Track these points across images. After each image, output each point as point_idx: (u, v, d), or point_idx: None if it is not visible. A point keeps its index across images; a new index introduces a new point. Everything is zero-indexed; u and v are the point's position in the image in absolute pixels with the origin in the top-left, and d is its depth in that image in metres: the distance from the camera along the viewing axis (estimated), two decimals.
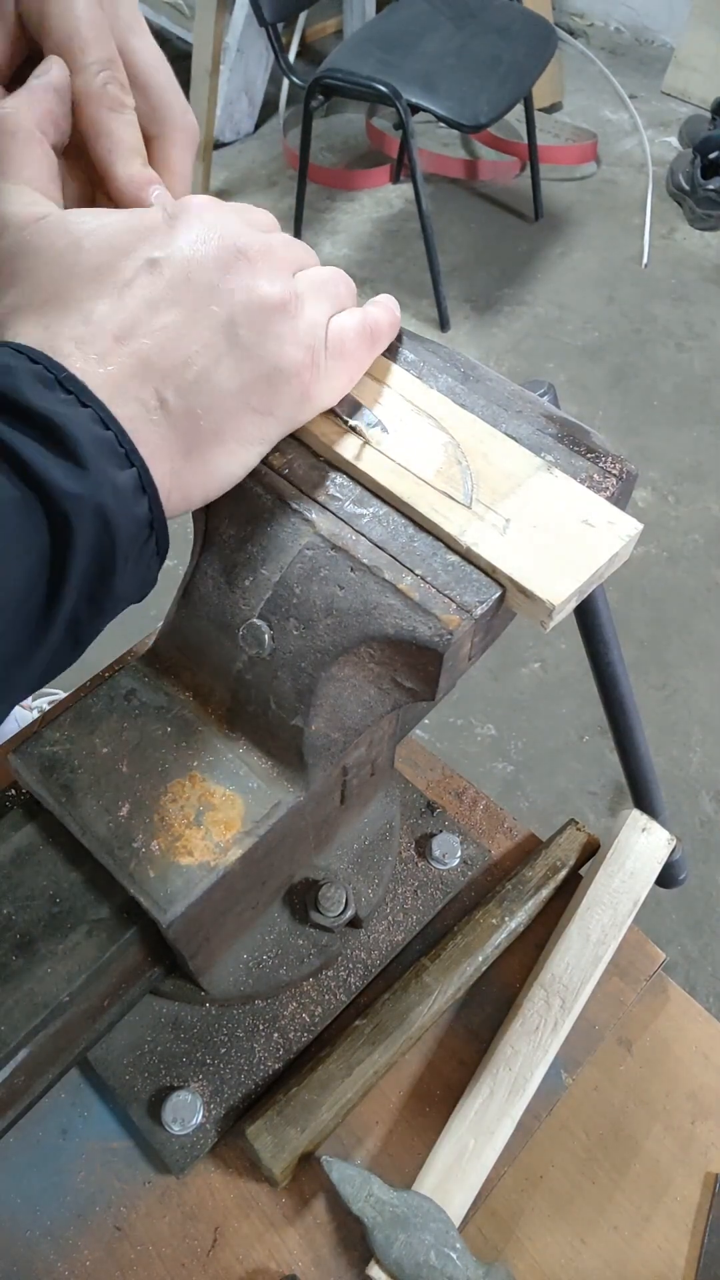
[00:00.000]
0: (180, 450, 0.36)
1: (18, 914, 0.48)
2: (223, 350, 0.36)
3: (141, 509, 0.34)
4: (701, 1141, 0.61)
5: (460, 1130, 0.57)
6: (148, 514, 0.34)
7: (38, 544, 0.31)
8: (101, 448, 0.32)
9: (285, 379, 0.39)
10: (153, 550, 0.36)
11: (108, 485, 0.32)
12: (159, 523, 0.35)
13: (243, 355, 0.37)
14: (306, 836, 0.56)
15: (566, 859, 0.68)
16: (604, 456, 0.45)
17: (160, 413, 0.35)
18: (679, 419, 2.36)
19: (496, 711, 1.84)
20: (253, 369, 0.37)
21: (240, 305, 0.37)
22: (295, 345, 0.38)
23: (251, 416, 0.38)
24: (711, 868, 1.66)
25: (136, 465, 0.34)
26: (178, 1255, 0.56)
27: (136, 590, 0.36)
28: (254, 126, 3.10)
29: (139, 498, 0.34)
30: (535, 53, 2.32)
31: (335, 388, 0.42)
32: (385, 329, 0.45)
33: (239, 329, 0.37)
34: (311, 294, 0.40)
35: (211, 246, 0.37)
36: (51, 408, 0.32)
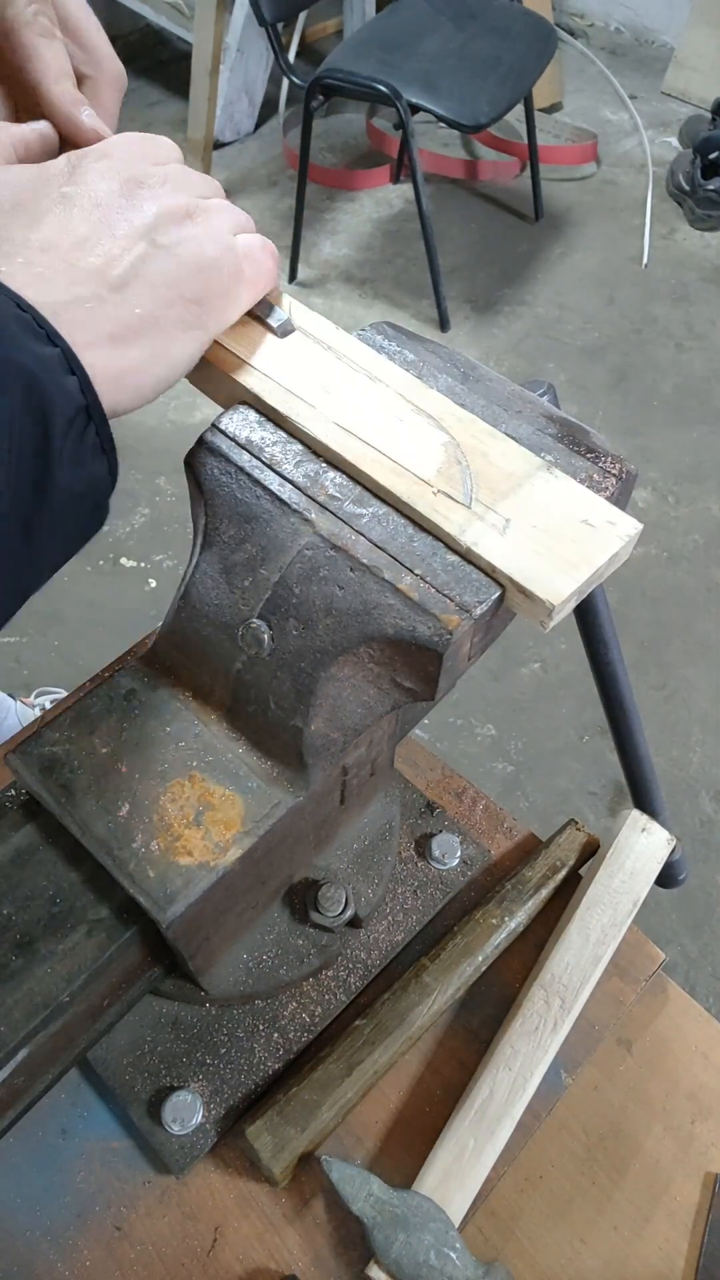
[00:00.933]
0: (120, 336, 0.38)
1: (18, 914, 0.48)
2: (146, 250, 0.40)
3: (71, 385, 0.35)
4: (701, 1141, 0.61)
5: (460, 1130, 0.57)
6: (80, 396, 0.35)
7: None
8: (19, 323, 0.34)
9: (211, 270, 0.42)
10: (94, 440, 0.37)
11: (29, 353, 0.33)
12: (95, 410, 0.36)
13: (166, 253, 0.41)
14: (306, 836, 0.56)
15: (566, 859, 0.68)
16: (604, 456, 0.45)
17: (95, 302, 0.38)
18: (679, 419, 2.36)
19: (496, 711, 1.84)
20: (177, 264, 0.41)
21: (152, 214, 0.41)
22: (212, 243, 0.42)
23: (186, 305, 0.41)
24: (711, 868, 1.66)
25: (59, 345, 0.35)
26: (178, 1255, 0.56)
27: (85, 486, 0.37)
28: (254, 126, 3.10)
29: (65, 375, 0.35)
30: (535, 53, 2.32)
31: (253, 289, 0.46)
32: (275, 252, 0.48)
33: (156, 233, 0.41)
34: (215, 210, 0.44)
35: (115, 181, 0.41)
36: None
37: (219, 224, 0.43)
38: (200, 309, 0.42)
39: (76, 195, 0.40)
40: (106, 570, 1.98)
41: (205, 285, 0.42)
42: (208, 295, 0.42)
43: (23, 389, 0.33)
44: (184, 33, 2.88)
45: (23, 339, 0.34)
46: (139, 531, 2.05)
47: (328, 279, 2.61)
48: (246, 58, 2.87)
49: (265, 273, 0.46)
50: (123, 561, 2.01)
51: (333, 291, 2.59)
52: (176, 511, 2.09)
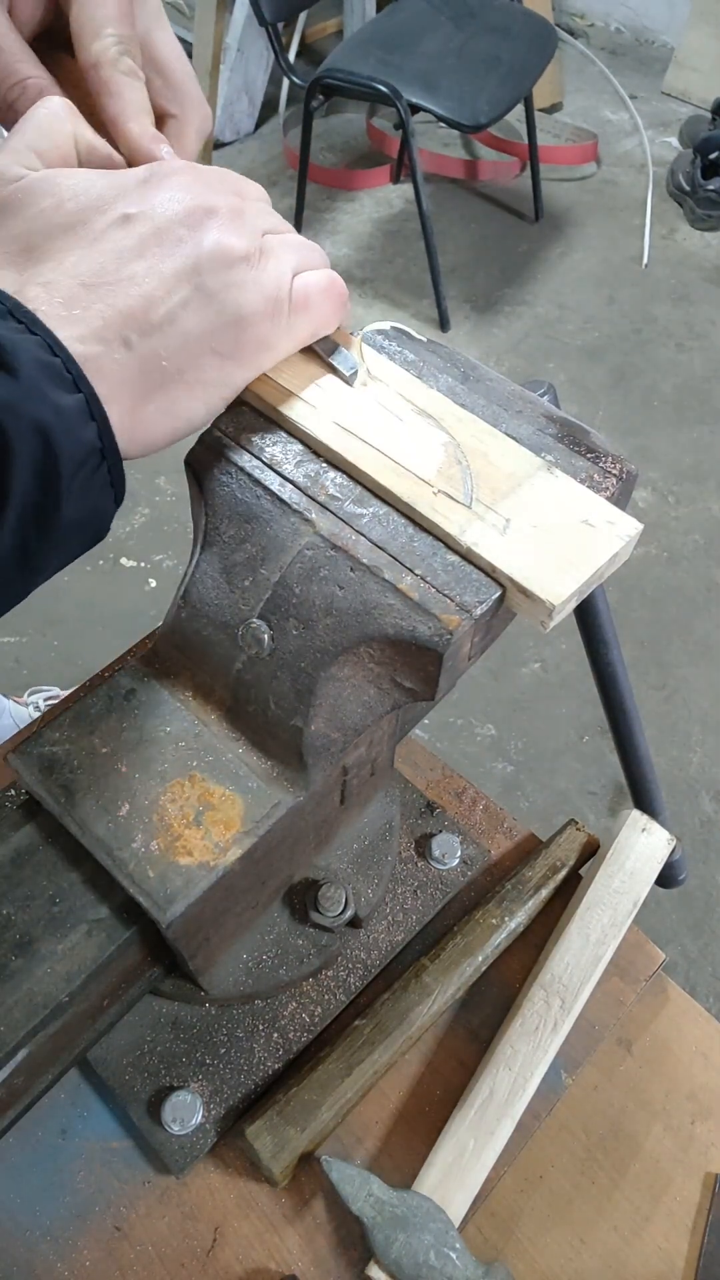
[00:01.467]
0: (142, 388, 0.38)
1: (18, 914, 0.48)
2: (187, 296, 0.38)
3: (88, 434, 0.35)
4: (701, 1141, 0.61)
5: (460, 1130, 0.57)
6: (96, 440, 0.35)
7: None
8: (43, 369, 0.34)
9: (247, 325, 0.41)
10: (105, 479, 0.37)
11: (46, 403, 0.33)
12: (111, 451, 0.36)
13: (206, 301, 0.39)
14: (306, 836, 0.56)
15: (566, 859, 0.68)
16: (604, 456, 0.45)
17: (123, 351, 0.37)
18: (679, 419, 2.36)
19: (496, 711, 1.84)
20: (216, 314, 0.39)
21: (205, 254, 0.39)
22: (257, 294, 0.41)
23: (214, 359, 0.40)
24: (711, 868, 1.66)
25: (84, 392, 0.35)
26: (178, 1255, 0.56)
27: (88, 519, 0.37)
28: (254, 126, 3.10)
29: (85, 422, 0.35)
30: (535, 53, 2.32)
31: (297, 338, 0.44)
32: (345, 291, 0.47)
33: (203, 276, 0.39)
34: (278, 250, 0.42)
35: (183, 204, 0.40)
36: None
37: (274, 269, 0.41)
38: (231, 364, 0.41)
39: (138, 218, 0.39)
40: (106, 570, 1.98)
41: (239, 339, 0.41)
42: (240, 350, 0.41)
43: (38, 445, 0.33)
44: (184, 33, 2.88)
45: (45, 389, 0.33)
46: (139, 531, 2.05)
47: None
48: (246, 57, 2.87)
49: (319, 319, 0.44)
50: (123, 561, 2.01)
51: None
52: (176, 511, 2.09)
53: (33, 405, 0.33)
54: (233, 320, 0.40)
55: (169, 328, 0.38)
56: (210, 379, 0.40)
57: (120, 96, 0.43)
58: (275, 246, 0.42)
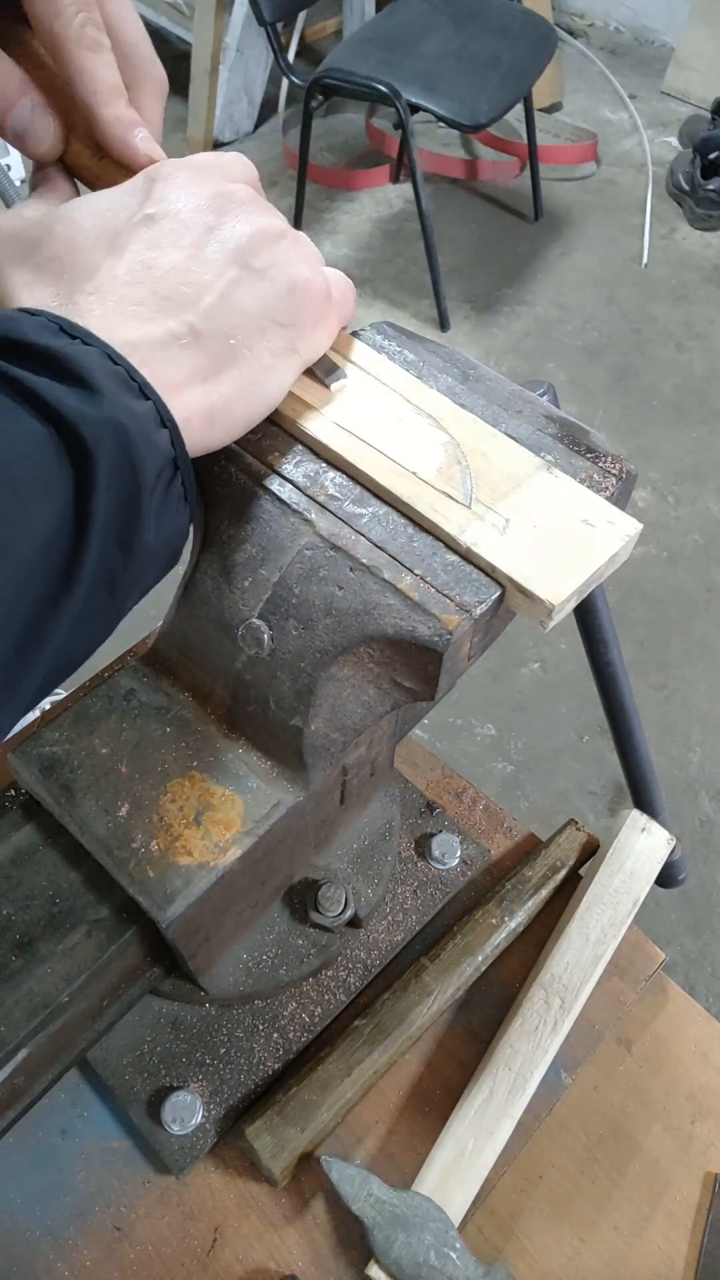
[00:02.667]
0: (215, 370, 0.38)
1: (17, 914, 0.48)
2: (238, 275, 0.39)
3: (162, 440, 0.34)
4: (701, 1141, 0.61)
5: (460, 1130, 0.57)
6: (169, 448, 0.35)
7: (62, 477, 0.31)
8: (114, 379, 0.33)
9: (303, 291, 0.41)
10: (179, 492, 0.36)
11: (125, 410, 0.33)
12: (183, 460, 0.36)
13: (259, 277, 0.39)
14: (306, 836, 0.56)
15: (566, 859, 0.68)
16: (604, 456, 0.45)
17: (190, 337, 0.37)
18: (679, 419, 2.36)
19: (496, 711, 1.84)
20: (271, 287, 0.40)
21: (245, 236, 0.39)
22: (305, 265, 0.41)
23: (279, 331, 0.40)
24: (711, 868, 1.66)
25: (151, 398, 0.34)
26: (178, 1255, 0.56)
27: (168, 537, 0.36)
28: (254, 126, 3.10)
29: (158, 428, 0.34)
30: (535, 53, 2.32)
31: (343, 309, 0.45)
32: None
33: (249, 256, 0.39)
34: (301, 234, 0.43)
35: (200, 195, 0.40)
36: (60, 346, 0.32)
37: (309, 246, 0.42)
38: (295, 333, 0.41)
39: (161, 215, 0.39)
40: None
41: (298, 309, 0.41)
42: (301, 319, 0.41)
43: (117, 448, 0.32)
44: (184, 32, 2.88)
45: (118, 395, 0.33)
46: None
47: None
48: (246, 57, 2.87)
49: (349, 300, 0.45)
50: None
51: None
52: None
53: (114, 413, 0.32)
54: (287, 290, 0.40)
55: (227, 306, 0.38)
56: (279, 348, 0.40)
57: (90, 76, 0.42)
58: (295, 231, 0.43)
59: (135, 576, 0.35)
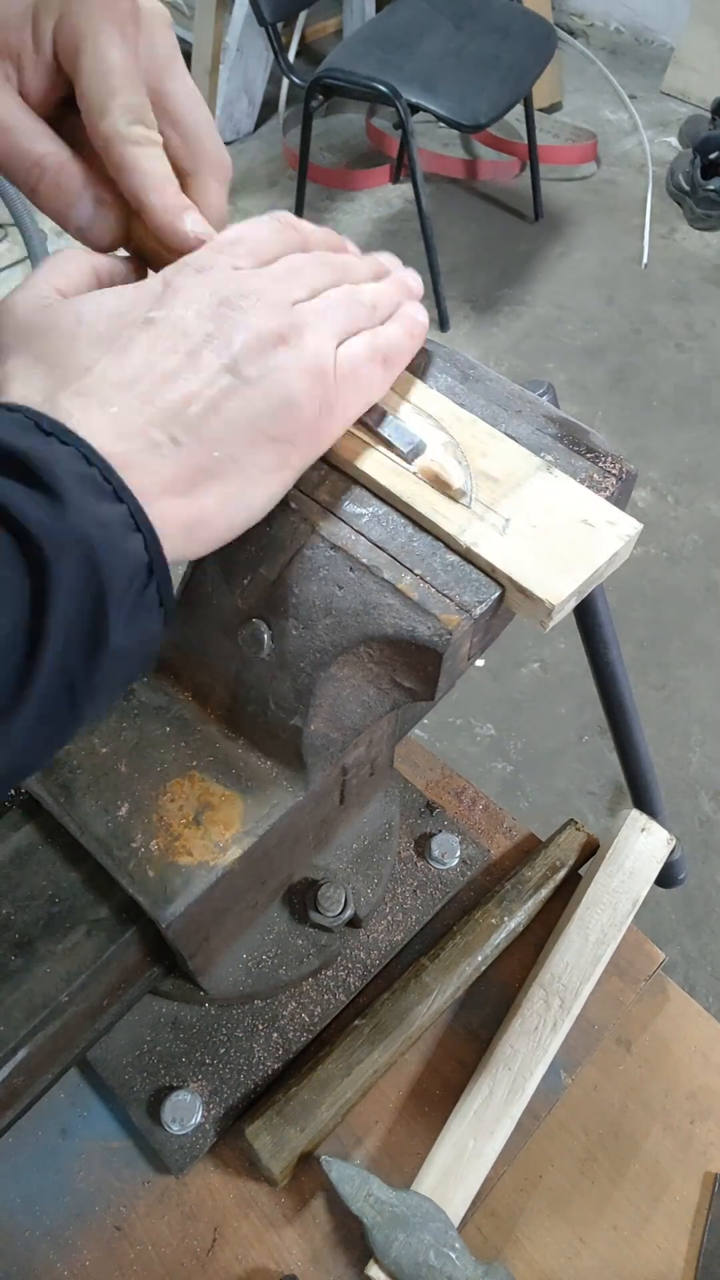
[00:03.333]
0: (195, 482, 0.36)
1: (17, 914, 0.48)
2: (228, 386, 0.37)
3: (134, 546, 0.33)
4: (700, 1141, 0.61)
5: (460, 1130, 0.57)
6: (143, 554, 0.33)
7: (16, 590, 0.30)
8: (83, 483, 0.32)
9: (297, 407, 0.39)
10: (154, 598, 0.35)
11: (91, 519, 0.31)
12: (159, 565, 0.34)
13: (251, 389, 0.38)
14: (306, 836, 0.56)
15: (566, 859, 0.68)
16: (603, 456, 0.45)
17: (170, 447, 0.36)
18: (679, 419, 2.36)
19: (496, 711, 1.84)
20: (263, 400, 0.38)
21: (240, 344, 0.38)
22: (301, 374, 0.39)
23: (269, 445, 0.38)
24: (711, 868, 1.66)
25: (126, 502, 0.33)
26: (177, 1255, 0.56)
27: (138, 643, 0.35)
28: (254, 126, 3.10)
29: (129, 534, 0.33)
30: (535, 53, 2.32)
31: (350, 412, 0.43)
32: (402, 347, 0.45)
33: (241, 365, 0.37)
34: (315, 321, 0.40)
35: (202, 302, 0.38)
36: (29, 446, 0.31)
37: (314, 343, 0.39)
38: (286, 446, 0.39)
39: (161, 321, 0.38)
40: None
41: (291, 422, 0.39)
42: (294, 432, 0.39)
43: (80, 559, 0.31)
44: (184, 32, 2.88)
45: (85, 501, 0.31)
46: None
47: None
48: (246, 57, 2.87)
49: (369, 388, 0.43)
50: None
51: None
52: None
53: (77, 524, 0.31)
54: (280, 404, 0.38)
55: (213, 418, 0.37)
56: (267, 464, 0.39)
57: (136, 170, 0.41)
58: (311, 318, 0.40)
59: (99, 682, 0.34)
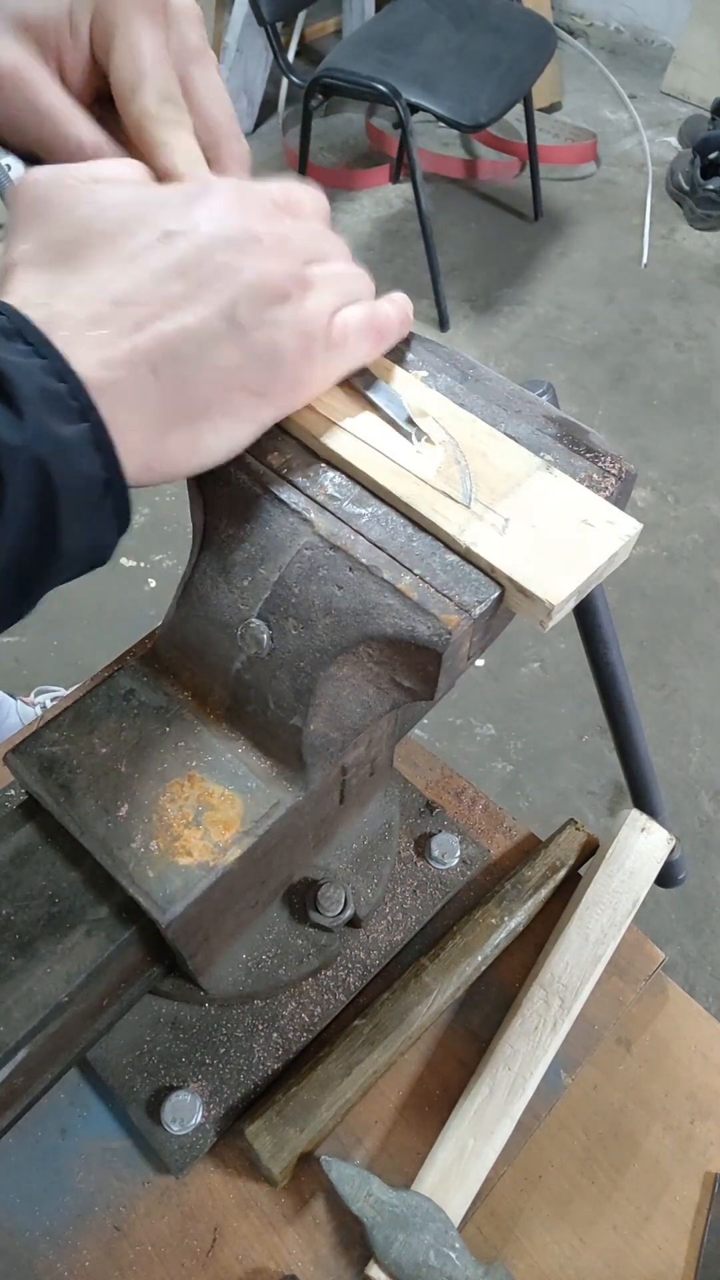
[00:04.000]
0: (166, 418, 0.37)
1: (17, 914, 0.48)
2: (220, 328, 0.37)
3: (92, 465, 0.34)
4: (701, 1141, 0.61)
5: (459, 1130, 0.57)
6: (101, 472, 0.34)
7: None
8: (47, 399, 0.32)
9: (282, 364, 0.39)
10: (109, 511, 0.35)
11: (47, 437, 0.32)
12: (117, 484, 0.35)
13: (240, 336, 0.38)
14: (306, 836, 0.56)
15: (566, 859, 0.68)
16: (603, 456, 0.45)
17: (150, 378, 0.36)
18: (678, 419, 2.36)
19: (496, 711, 1.84)
20: (248, 350, 0.38)
21: (243, 285, 0.38)
22: (291, 332, 0.39)
23: (244, 395, 0.39)
24: (711, 868, 1.66)
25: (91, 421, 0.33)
26: (177, 1255, 0.56)
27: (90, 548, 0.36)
28: (253, 126, 3.10)
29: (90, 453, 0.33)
30: (535, 52, 2.32)
31: (329, 377, 0.43)
32: (394, 326, 0.46)
33: (238, 309, 0.37)
34: (321, 284, 0.41)
35: (227, 227, 0.38)
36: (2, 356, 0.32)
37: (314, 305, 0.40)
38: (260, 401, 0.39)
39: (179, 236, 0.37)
40: (106, 570, 1.97)
41: (271, 378, 0.39)
42: (273, 388, 0.40)
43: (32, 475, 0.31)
44: None
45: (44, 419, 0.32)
46: (139, 531, 2.05)
47: None
48: (245, 57, 2.87)
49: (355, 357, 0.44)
50: (122, 561, 2.01)
51: None
52: (176, 512, 2.09)
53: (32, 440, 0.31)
54: (267, 359, 0.39)
55: (200, 360, 0.37)
56: (238, 414, 0.39)
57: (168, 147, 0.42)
58: (318, 279, 0.41)
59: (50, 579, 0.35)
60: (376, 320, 0.44)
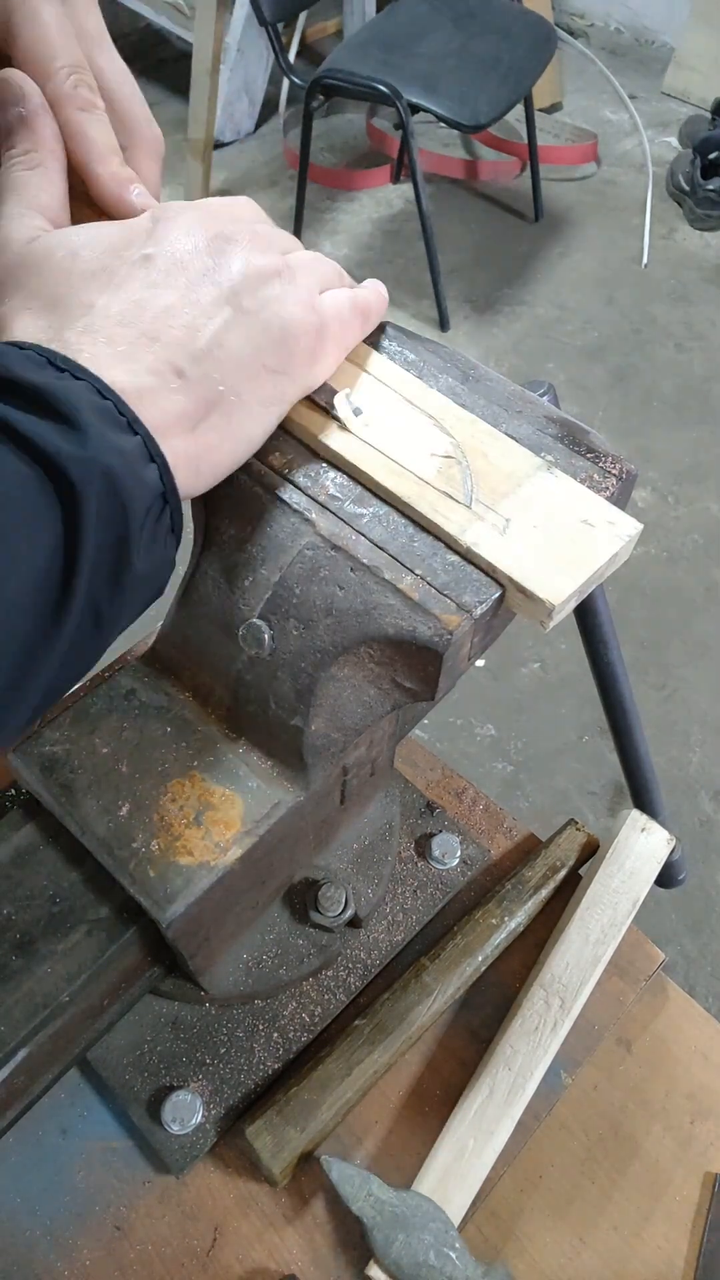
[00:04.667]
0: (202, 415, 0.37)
1: (18, 914, 0.48)
2: (230, 318, 0.38)
3: (151, 476, 0.34)
4: (700, 1141, 0.61)
5: (460, 1130, 0.57)
6: (158, 482, 0.35)
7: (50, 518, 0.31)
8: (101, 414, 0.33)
9: (295, 337, 0.40)
10: (167, 524, 0.36)
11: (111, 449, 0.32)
12: (172, 494, 0.36)
13: (251, 320, 0.39)
14: (306, 836, 0.56)
15: (566, 859, 0.68)
16: (604, 456, 0.46)
17: (179, 382, 0.37)
18: (679, 419, 2.36)
19: (496, 711, 1.84)
20: (263, 331, 0.39)
21: (239, 276, 0.39)
22: (297, 305, 0.41)
23: (268, 377, 0.40)
24: (711, 868, 1.66)
25: (140, 434, 0.34)
26: (177, 1255, 0.56)
27: (155, 569, 0.37)
28: (254, 126, 3.10)
29: (146, 464, 0.34)
30: (535, 53, 2.32)
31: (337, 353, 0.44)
32: (374, 307, 0.47)
33: (242, 298, 0.39)
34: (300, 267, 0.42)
35: (198, 237, 0.40)
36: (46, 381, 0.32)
37: (305, 283, 0.42)
38: (283, 379, 0.41)
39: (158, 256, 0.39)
40: None
41: (289, 353, 0.40)
42: (291, 365, 0.41)
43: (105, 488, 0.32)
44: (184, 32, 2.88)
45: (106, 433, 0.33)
46: None
47: None
48: (246, 57, 2.87)
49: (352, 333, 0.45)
50: None
51: None
52: None
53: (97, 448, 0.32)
54: (279, 335, 0.40)
55: (218, 351, 0.38)
56: (266, 395, 0.40)
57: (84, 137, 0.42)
58: (298, 264, 0.42)
59: (121, 608, 0.35)
60: (359, 301, 0.45)
